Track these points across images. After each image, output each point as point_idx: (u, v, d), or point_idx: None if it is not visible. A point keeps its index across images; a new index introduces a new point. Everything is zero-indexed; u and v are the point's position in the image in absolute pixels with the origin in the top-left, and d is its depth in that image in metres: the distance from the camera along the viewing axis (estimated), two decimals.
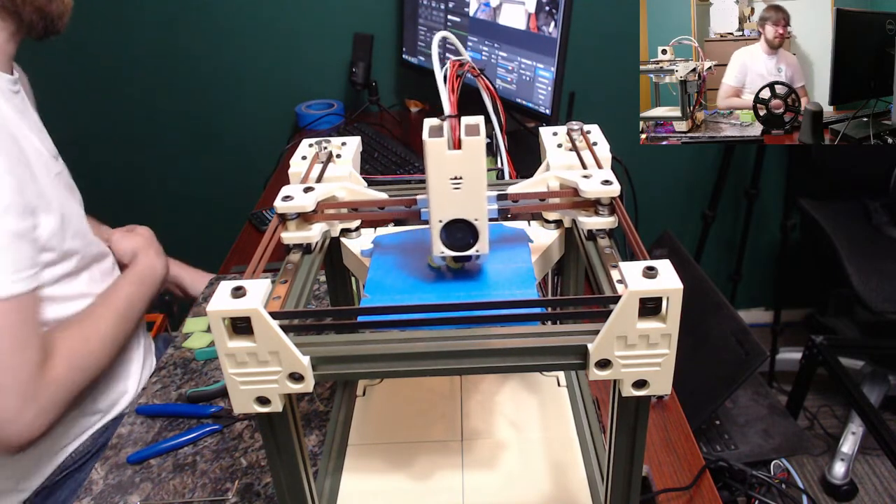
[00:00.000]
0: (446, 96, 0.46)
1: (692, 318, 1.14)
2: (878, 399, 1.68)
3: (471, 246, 0.46)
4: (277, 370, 0.39)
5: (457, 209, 0.44)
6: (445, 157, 0.42)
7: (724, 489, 0.94)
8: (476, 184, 0.43)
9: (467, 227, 0.45)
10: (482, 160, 0.43)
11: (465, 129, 0.43)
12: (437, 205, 0.44)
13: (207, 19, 1.67)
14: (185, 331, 0.93)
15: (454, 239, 0.45)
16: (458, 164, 0.43)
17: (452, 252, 0.46)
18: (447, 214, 0.44)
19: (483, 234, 0.45)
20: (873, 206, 1.65)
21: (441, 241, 0.45)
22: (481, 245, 0.46)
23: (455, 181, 0.43)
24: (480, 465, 0.58)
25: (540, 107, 1.24)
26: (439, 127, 0.43)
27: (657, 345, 0.38)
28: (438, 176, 0.43)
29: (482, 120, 0.44)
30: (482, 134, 0.43)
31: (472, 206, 0.44)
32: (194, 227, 1.94)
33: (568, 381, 0.67)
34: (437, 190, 0.43)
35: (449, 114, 0.44)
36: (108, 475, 0.71)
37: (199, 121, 1.80)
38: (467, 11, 1.38)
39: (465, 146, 0.42)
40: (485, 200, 0.44)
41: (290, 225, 0.49)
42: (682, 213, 1.95)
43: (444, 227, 0.45)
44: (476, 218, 0.45)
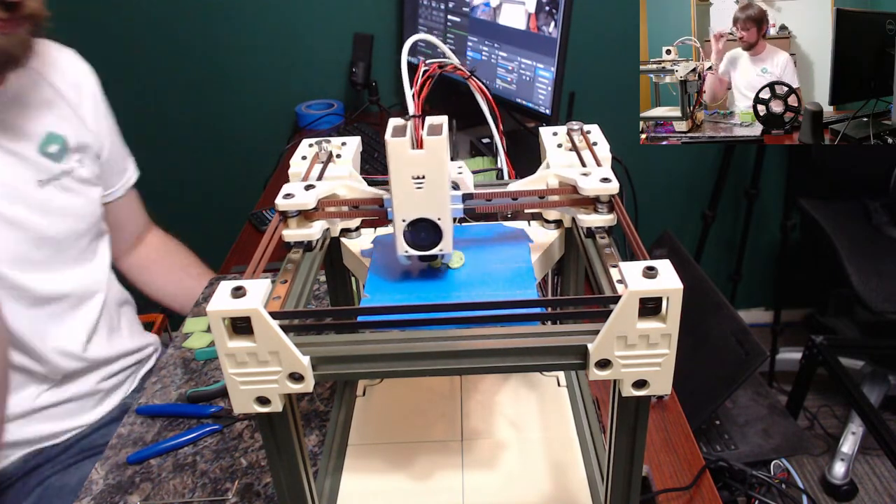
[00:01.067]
0: (410, 96, 0.46)
1: (692, 318, 1.14)
2: (878, 399, 1.68)
3: (435, 245, 0.46)
4: (277, 370, 0.39)
5: (420, 209, 0.45)
6: (408, 156, 0.43)
7: (724, 489, 0.94)
8: (438, 183, 0.44)
9: (431, 226, 0.45)
10: (444, 159, 0.43)
11: (428, 129, 0.43)
12: (401, 204, 0.45)
13: (207, 19, 1.67)
14: (185, 331, 0.93)
15: (418, 238, 0.46)
16: (421, 163, 0.43)
17: (416, 251, 0.46)
18: (410, 214, 0.45)
19: (447, 233, 0.46)
20: (873, 206, 1.65)
21: (405, 241, 0.46)
22: (445, 244, 0.46)
23: (417, 181, 0.43)
24: (480, 465, 0.58)
25: (540, 107, 1.24)
26: (403, 127, 0.44)
27: (657, 345, 0.38)
28: (401, 175, 0.43)
29: (446, 119, 0.45)
30: (444, 133, 0.43)
31: (435, 205, 0.45)
32: (194, 227, 1.94)
33: (568, 381, 0.67)
34: (400, 189, 0.44)
35: (412, 114, 0.44)
36: (108, 475, 0.71)
37: (199, 121, 1.80)
38: (467, 11, 1.38)
39: (427, 146, 0.42)
40: (448, 199, 0.45)
41: (291, 222, 0.49)
42: (682, 213, 1.95)
43: (408, 227, 0.45)
44: (439, 217, 0.45)
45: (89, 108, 0.94)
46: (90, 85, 0.96)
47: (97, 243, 0.96)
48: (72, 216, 0.89)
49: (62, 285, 0.88)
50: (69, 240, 0.89)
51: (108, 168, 0.98)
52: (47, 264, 0.86)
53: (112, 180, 1.01)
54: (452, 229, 0.46)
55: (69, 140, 0.89)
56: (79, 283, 0.91)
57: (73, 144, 0.89)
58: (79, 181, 0.90)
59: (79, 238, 0.91)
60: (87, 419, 0.94)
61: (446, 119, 0.45)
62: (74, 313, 0.91)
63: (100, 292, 0.95)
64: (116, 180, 1.02)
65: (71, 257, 0.90)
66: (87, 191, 0.92)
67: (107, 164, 0.98)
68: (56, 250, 0.87)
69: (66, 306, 0.89)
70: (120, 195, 1.03)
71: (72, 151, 0.89)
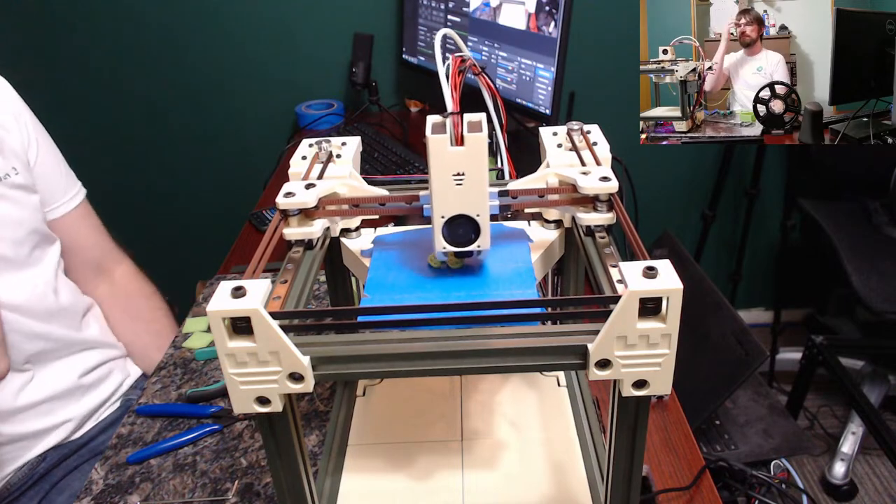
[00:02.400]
0: (449, 93, 0.46)
1: (692, 318, 1.14)
2: (878, 399, 1.68)
3: (472, 241, 0.46)
4: (277, 370, 0.39)
5: (459, 205, 0.45)
6: (448, 153, 0.43)
7: (724, 489, 0.94)
8: (478, 180, 0.44)
9: (469, 222, 0.45)
10: (484, 156, 0.43)
11: (468, 126, 0.43)
12: (440, 201, 0.45)
13: (207, 19, 1.67)
14: (185, 331, 0.93)
15: (456, 235, 0.46)
16: (461, 160, 0.43)
17: (455, 248, 0.46)
18: (449, 210, 0.45)
19: (485, 229, 0.46)
20: (873, 206, 1.65)
21: (443, 237, 0.46)
22: (483, 240, 0.46)
23: (457, 177, 0.44)
24: (480, 465, 0.58)
25: (540, 107, 1.24)
26: (442, 124, 0.44)
27: (657, 345, 0.38)
28: (441, 172, 0.44)
29: (484, 117, 0.45)
30: (485, 130, 0.43)
31: (473, 201, 0.45)
32: (194, 227, 1.94)
33: (568, 381, 0.67)
34: (440, 186, 0.44)
35: (451, 111, 0.44)
36: (108, 475, 0.71)
37: (199, 121, 1.80)
38: (467, 11, 1.38)
39: (467, 142, 0.43)
40: (486, 196, 0.45)
41: (291, 221, 0.49)
42: (682, 213, 1.95)
43: (446, 223, 0.45)
44: (478, 213, 0.45)
45: (7, 111, 0.92)
46: (4, 94, 0.93)
47: (41, 251, 0.93)
48: (9, 223, 0.87)
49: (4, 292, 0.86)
50: (8, 247, 0.87)
51: (42, 179, 0.95)
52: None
53: (51, 195, 0.97)
54: (489, 226, 0.46)
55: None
56: (22, 290, 0.88)
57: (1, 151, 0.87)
58: (13, 187, 0.88)
59: (18, 245, 0.88)
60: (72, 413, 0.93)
61: (484, 116, 0.45)
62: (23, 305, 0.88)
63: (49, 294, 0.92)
64: (58, 197, 0.98)
65: (12, 265, 0.87)
66: (24, 197, 0.90)
67: (41, 176, 0.95)
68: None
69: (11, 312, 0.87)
70: (63, 213, 0.99)
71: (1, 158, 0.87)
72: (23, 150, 0.92)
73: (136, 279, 1.11)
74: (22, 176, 0.90)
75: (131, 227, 1.74)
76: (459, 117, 0.44)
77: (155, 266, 1.21)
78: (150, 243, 1.84)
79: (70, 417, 0.93)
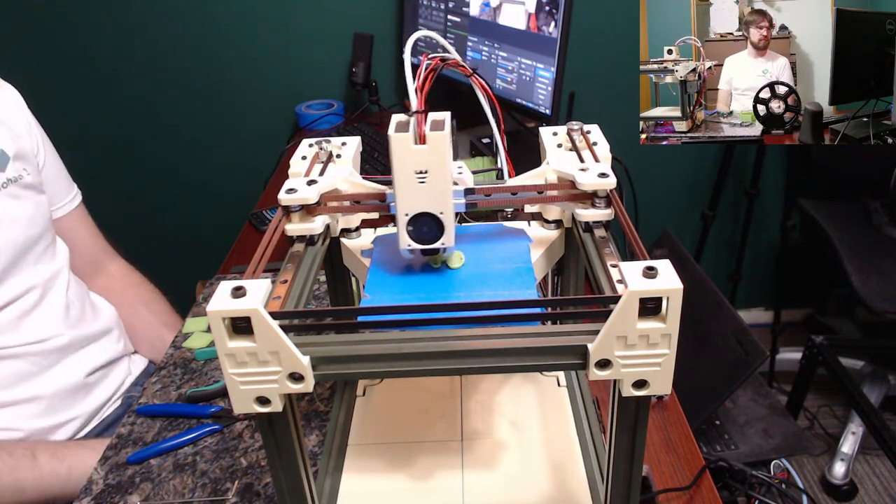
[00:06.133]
0: (413, 91, 0.46)
1: (692, 318, 1.14)
2: (878, 399, 1.68)
3: (437, 238, 0.47)
4: (277, 370, 0.39)
5: (422, 203, 0.45)
6: (410, 151, 0.43)
7: (724, 489, 0.94)
8: (441, 178, 0.44)
9: (433, 220, 0.46)
10: (447, 154, 0.44)
11: (431, 125, 0.44)
12: (404, 199, 0.45)
13: (207, 19, 1.67)
14: (185, 331, 0.93)
15: (420, 232, 0.47)
16: (423, 158, 0.44)
17: (419, 245, 0.47)
18: (413, 208, 0.46)
19: (449, 227, 0.46)
20: (873, 206, 1.65)
21: (408, 235, 0.46)
22: (447, 238, 0.47)
23: (420, 175, 0.44)
24: (480, 465, 0.58)
25: (540, 107, 1.24)
26: (406, 122, 0.45)
27: (657, 345, 0.38)
28: (404, 170, 0.44)
29: (448, 115, 0.45)
30: (447, 129, 0.44)
31: (437, 199, 0.45)
32: (194, 227, 1.94)
33: (568, 381, 0.67)
34: (403, 184, 0.45)
35: (416, 109, 0.44)
36: (108, 475, 0.71)
37: (199, 121, 1.80)
38: (467, 11, 1.38)
39: (429, 141, 0.43)
40: (450, 194, 0.45)
41: (293, 217, 0.50)
42: (682, 213, 1.95)
43: (410, 221, 0.46)
44: (441, 211, 0.46)
45: (20, 119, 0.97)
46: (15, 98, 0.99)
47: (54, 246, 0.98)
48: (24, 222, 0.91)
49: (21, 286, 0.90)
50: (26, 244, 0.91)
51: (47, 181, 1.00)
52: (7, 270, 0.88)
53: (54, 196, 1.03)
54: (454, 223, 0.47)
55: (7, 151, 0.92)
56: (40, 279, 0.93)
57: (12, 153, 0.92)
58: (26, 188, 0.93)
59: (35, 242, 0.93)
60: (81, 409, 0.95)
61: (449, 115, 0.45)
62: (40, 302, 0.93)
63: (61, 280, 0.97)
64: (60, 198, 1.04)
65: (28, 263, 0.92)
66: (35, 197, 0.95)
67: (46, 179, 1.00)
68: (14, 255, 0.89)
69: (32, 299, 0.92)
70: (63, 214, 1.04)
71: (13, 160, 0.92)
72: (33, 155, 0.97)
73: (131, 272, 1.16)
74: (33, 177, 0.95)
75: (132, 227, 1.75)
76: (423, 116, 0.44)
77: (155, 266, 1.21)
78: (151, 243, 1.85)
79: (76, 416, 0.94)
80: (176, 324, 1.09)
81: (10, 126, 0.94)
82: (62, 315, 0.95)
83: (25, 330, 0.90)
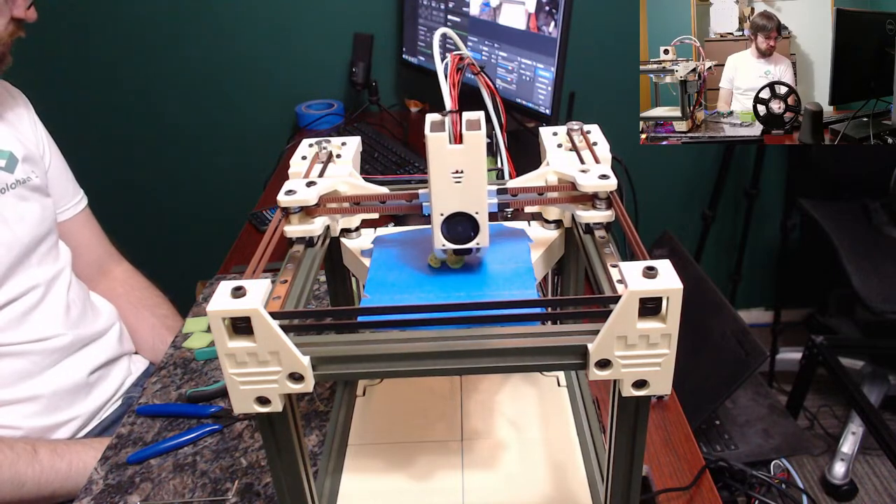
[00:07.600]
0: (447, 91, 0.46)
1: (692, 318, 1.14)
2: (878, 399, 1.68)
3: (471, 239, 0.46)
4: (277, 370, 0.39)
5: (458, 202, 0.45)
6: (447, 151, 0.43)
7: (724, 489, 0.94)
8: (476, 177, 0.44)
9: (468, 220, 0.46)
10: (482, 154, 0.43)
11: (466, 124, 0.44)
12: (439, 198, 0.45)
13: (207, 19, 1.67)
14: (185, 331, 0.93)
15: (455, 232, 0.46)
16: (459, 158, 0.43)
17: (454, 245, 0.47)
18: (448, 208, 0.45)
19: (483, 227, 0.46)
20: (873, 206, 1.65)
21: (442, 235, 0.46)
22: (482, 238, 0.46)
23: (456, 175, 0.44)
24: (480, 465, 0.58)
25: (540, 107, 1.24)
26: (441, 122, 0.44)
27: (657, 345, 0.38)
28: (440, 170, 0.44)
29: (483, 115, 0.45)
30: (483, 128, 0.43)
31: (472, 199, 0.45)
32: (194, 227, 1.94)
33: (568, 381, 0.67)
34: (439, 184, 0.44)
35: (450, 109, 0.44)
36: (108, 475, 0.71)
37: (200, 121, 1.80)
38: (467, 11, 1.38)
39: (466, 140, 0.43)
40: (485, 194, 0.45)
41: (292, 218, 0.50)
42: (682, 213, 1.95)
43: (444, 221, 0.46)
44: (476, 211, 0.45)
45: (27, 123, 0.99)
46: (23, 102, 1.01)
47: (57, 248, 1.00)
48: (30, 222, 0.92)
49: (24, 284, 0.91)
50: (31, 244, 0.92)
51: (53, 184, 1.01)
52: (12, 269, 0.89)
53: (60, 199, 1.04)
54: (488, 223, 0.46)
55: (17, 153, 0.93)
56: (43, 279, 0.94)
57: (21, 156, 0.93)
58: (33, 189, 0.94)
59: (40, 242, 0.94)
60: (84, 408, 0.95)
61: (483, 114, 0.45)
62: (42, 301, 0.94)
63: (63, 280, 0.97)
64: (66, 201, 1.05)
65: (32, 262, 0.93)
66: (42, 199, 0.96)
67: (51, 181, 1.01)
68: (19, 254, 0.90)
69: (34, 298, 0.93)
70: (68, 217, 1.05)
71: (21, 162, 0.93)
72: (39, 158, 0.98)
73: (135, 275, 1.16)
74: (40, 180, 0.96)
75: (132, 227, 1.74)
76: (458, 115, 0.44)
77: (155, 266, 1.21)
78: (151, 243, 1.85)
79: (76, 415, 0.94)
80: (179, 328, 1.09)
81: (18, 129, 0.96)
82: (63, 315, 0.95)
83: (27, 328, 0.91)
